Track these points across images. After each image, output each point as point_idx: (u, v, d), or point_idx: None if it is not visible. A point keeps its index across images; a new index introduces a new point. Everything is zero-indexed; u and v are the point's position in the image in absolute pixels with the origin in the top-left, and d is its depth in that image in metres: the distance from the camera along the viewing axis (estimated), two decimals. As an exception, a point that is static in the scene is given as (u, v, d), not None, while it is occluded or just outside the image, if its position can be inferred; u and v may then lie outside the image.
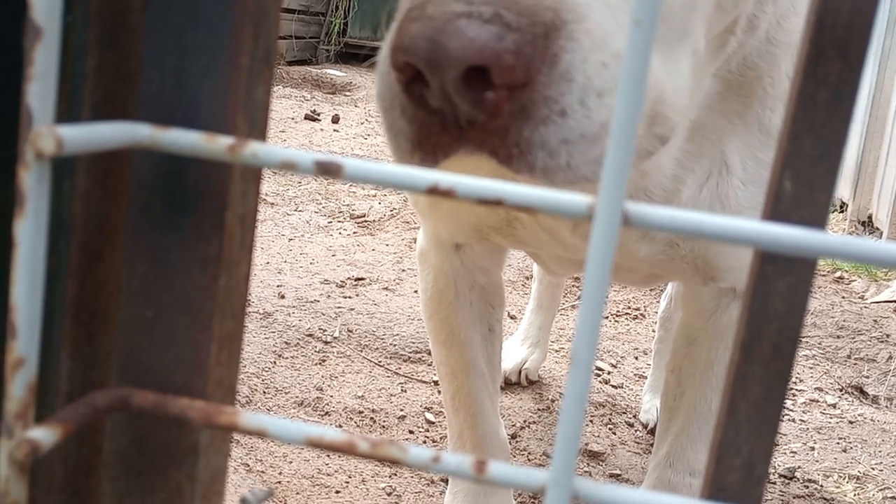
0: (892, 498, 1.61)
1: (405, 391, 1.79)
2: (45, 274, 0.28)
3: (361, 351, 1.93)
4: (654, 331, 2.09)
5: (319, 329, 1.99)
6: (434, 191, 0.29)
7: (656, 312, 2.14)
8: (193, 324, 0.32)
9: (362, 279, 2.35)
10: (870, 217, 3.66)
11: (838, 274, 2.83)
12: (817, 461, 1.72)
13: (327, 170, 0.29)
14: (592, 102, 0.50)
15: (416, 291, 2.27)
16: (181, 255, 0.32)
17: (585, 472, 1.59)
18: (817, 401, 1.99)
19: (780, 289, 0.28)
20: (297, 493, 1.40)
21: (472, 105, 0.49)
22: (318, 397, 1.71)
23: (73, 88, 0.33)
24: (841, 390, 2.06)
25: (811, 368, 2.14)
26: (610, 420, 1.79)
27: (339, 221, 2.94)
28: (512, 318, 2.23)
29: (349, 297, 2.20)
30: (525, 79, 0.49)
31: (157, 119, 0.33)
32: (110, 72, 0.34)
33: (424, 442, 1.63)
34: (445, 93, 0.49)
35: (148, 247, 0.33)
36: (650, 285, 1.68)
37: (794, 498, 1.57)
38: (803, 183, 0.27)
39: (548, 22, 0.49)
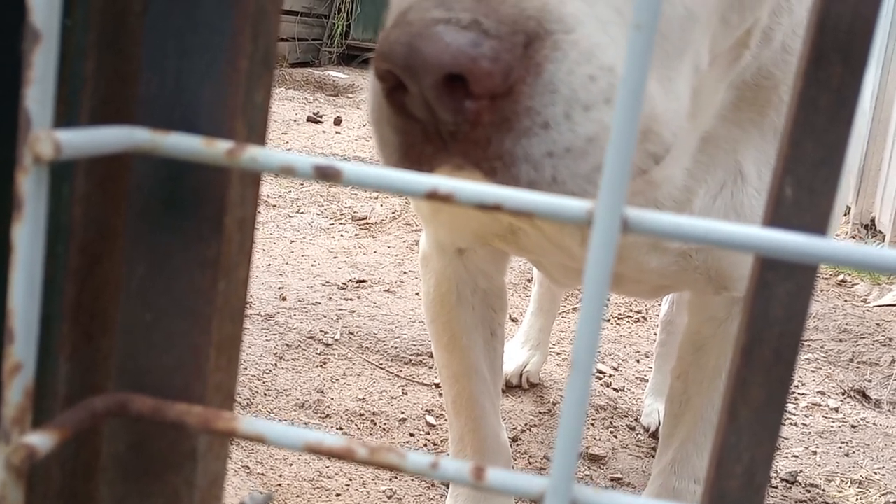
0: (895, 503, 1.60)
1: (406, 394, 1.79)
2: (44, 278, 0.28)
3: (362, 353, 1.93)
4: (655, 334, 2.09)
5: (320, 331, 1.99)
6: (433, 195, 0.29)
7: (658, 316, 2.13)
8: (192, 327, 0.32)
9: (364, 281, 2.35)
10: (872, 220, 3.65)
11: (841, 277, 2.83)
12: (819, 466, 1.71)
13: (326, 174, 0.29)
14: (578, 116, 0.49)
15: (417, 294, 2.27)
16: (180, 259, 0.32)
17: (586, 475, 1.59)
18: (819, 405, 1.98)
19: (780, 294, 0.28)
20: (298, 496, 1.40)
21: (451, 114, 0.48)
22: (318, 400, 1.71)
23: (72, 91, 0.33)
24: (843, 394, 2.05)
25: (813, 372, 2.14)
26: (611, 423, 1.79)
27: (340, 223, 2.94)
28: (513, 320, 2.23)
29: (350, 300, 2.20)
30: (505, 87, 0.48)
31: (155, 122, 0.32)
32: (109, 74, 0.34)
33: (425, 445, 1.63)
34: (425, 101, 0.48)
35: (147, 250, 0.33)
36: (658, 297, 1.67)
37: (795, 502, 1.57)
38: (804, 188, 0.27)
39: (530, 31, 0.48)
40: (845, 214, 3.80)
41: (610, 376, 2.01)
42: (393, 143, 0.53)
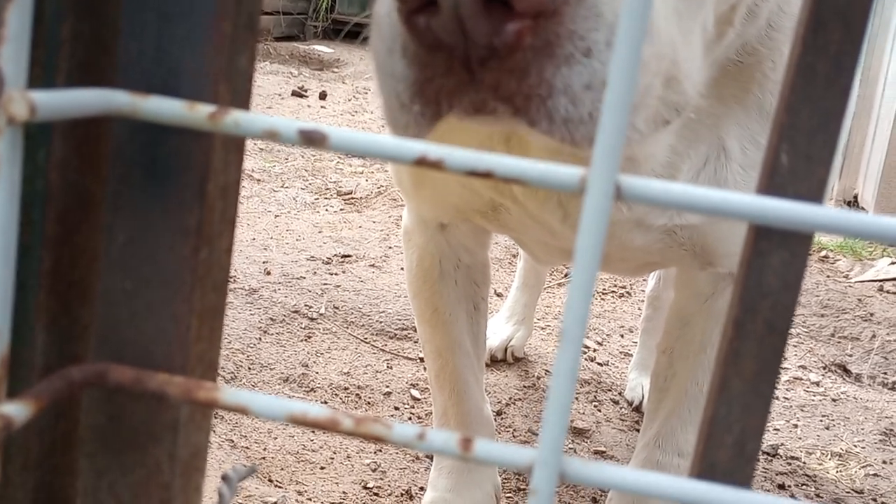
0: (874, 475, 1.63)
1: (391, 368, 1.79)
2: (19, 245, 0.27)
3: (347, 328, 1.93)
4: (640, 309, 2.10)
5: (305, 306, 1.98)
6: (422, 161, 0.28)
7: (642, 290, 2.14)
8: (174, 297, 0.32)
9: (349, 256, 2.34)
10: (855, 197, 3.68)
11: (823, 253, 2.85)
12: (800, 438, 1.73)
13: (311, 139, 0.28)
14: None
15: (402, 269, 2.27)
16: (161, 227, 0.32)
17: (570, 448, 1.60)
18: (801, 379, 2.01)
19: (774, 264, 0.28)
20: (282, 469, 1.40)
21: (489, 35, 0.44)
22: (303, 374, 1.70)
23: (49, 54, 0.32)
24: (824, 368, 2.08)
25: (795, 347, 2.16)
26: (595, 397, 1.80)
27: (325, 198, 2.92)
28: (498, 295, 2.23)
29: (335, 274, 2.20)
30: (552, 6, 0.44)
31: (135, 87, 0.31)
32: (88, 37, 0.33)
33: (410, 419, 1.63)
34: (459, 20, 0.44)
35: (127, 217, 0.32)
36: (642, 274, 1.65)
37: (776, 475, 1.59)
38: (801, 156, 0.26)
39: None
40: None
41: (594, 350, 2.02)
42: (406, 77, 0.49)
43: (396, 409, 1.65)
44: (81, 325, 0.33)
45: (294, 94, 4.79)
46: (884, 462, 1.67)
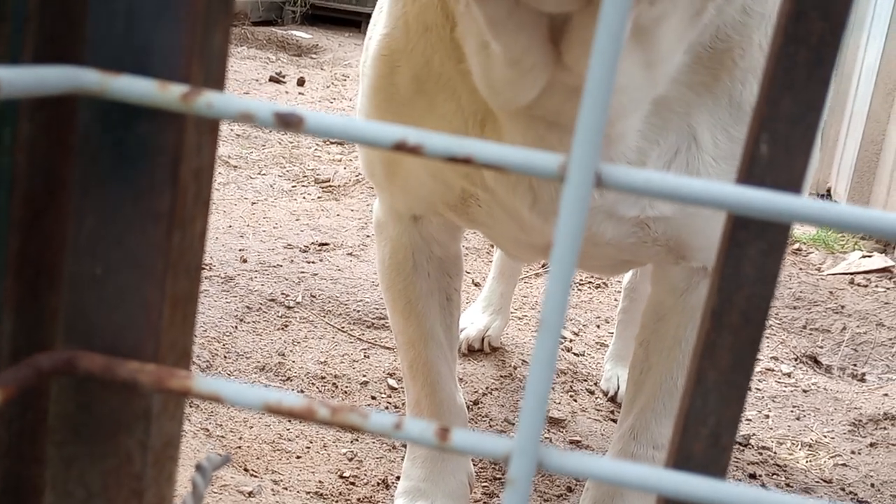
0: (843, 465, 1.65)
1: (368, 357, 1.78)
2: (-16, 228, 0.27)
3: (324, 316, 1.92)
4: (616, 300, 2.11)
5: (282, 294, 1.96)
6: (401, 147, 0.27)
7: (619, 282, 2.15)
8: (145, 282, 0.31)
9: (326, 244, 2.32)
10: (828, 191, 3.72)
11: (796, 246, 2.88)
12: (771, 429, 1.75)
13: (287, 122, 0.27)
14: None
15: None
16: (132, 210, 0.31)
17: (546, 438, 1.60)
18: (773, 370, 2.03)
19: (752, 255, 0.28)
20: (258, 459, 1.39)
21: None
22: (279, 362, 1.69)
23: (14, 29, 0.31)
24: (796, 360, 2.10)
25: (767, 338, 2.19)
26: (571, 387, 1.81)
27: (303, 186, 2.90)
28: (476, 284, 2.23)
29: (313, 263, 2.18)
30: None
31: (105, 64, 0.31)
32: (55, 12, 0.32)
33: (387, 408, 1.63)
34: None
35: (96, 200, 0.31)
36: (620, 272, 1.62)
37: (748, 464, 1.61)
38: (780, 146, 0.26)
39: None
40: (803, 185, 3.85)
41: (570, 341, 2.03)
42: None
43: (373, 398, 1.65)
44: (50, 312, 0.32)
45: (272, 79, 4.74)
46: (852, 452, 1.70)
